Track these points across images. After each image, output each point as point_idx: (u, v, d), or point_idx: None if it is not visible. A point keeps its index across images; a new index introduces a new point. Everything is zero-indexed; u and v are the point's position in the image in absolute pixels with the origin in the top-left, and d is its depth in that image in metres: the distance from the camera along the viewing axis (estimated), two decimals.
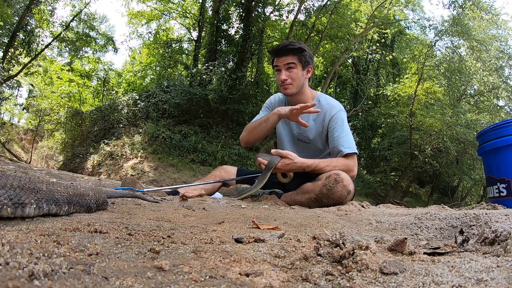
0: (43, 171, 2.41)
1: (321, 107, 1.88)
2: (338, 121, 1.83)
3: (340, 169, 1.70)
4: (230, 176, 2.06)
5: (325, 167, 1.72)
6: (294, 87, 1.84)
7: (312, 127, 1.92)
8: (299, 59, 1.81)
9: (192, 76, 11.29)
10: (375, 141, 14.42)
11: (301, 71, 1.83)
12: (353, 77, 15.12)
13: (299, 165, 1.71)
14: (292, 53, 1.79)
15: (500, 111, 11.78)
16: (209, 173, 2.13)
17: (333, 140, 1.82)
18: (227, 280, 0.43)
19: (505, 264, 0.48)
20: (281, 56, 1.81)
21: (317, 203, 1.63)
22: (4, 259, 0.37)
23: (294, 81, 1.82)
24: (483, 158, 2.42)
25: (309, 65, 1.85)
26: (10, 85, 14.66)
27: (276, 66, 1.85)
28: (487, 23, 11.33)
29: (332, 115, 1.84)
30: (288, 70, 1.81)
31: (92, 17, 14.44)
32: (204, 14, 13.01)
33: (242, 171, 2.10)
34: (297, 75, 1.82)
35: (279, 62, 1.82)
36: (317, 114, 1.88)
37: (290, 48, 1.80)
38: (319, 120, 1.89)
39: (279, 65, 1.83)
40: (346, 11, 12.11)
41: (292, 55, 1.80)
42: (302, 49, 1.81)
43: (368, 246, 0.52)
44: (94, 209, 0.90)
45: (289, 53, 1.80)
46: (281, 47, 1.83)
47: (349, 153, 1.77)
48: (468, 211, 1.04)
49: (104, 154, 9.30)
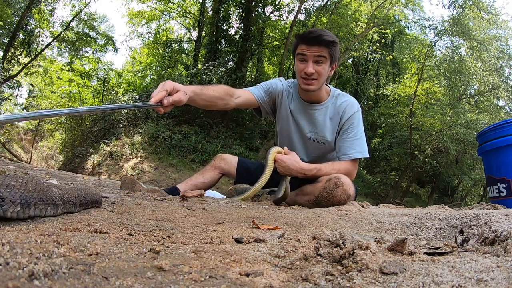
0: (43, 171, 2.41)
1: (339, 105, 1.75)
2: (355, 121, 1.72)
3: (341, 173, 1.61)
4: (231, 167, 1.92)
5: (327, 172, 1.64)
6: (319, 83, 1.65)
7: (329, 126, 1.77)
8: (330, 54, 1.60)
9: (192, 76, 11.28)
10: (375, 141, 14.42)
11: (328, 66, 1.64)
12: (353, 77, 15.11)
13: (299, 167, 1.61)
14: (325, 45, 1.57)
15: (500, 111, 11.79)
16: (207, 163, 1.99)
17: (345, 140, 1.71)
18: (227, 280, 0.43)
19: (505, 264, 0.48)
20: (313, 46, 1.57)
21: (316, 206, 1.62)
22: (4, 259, 0.37)
23: (320, 77, 1.63)
24: (483, 158, 2.42)
25: (335, 61, 1.67)
26: (10, 85, 14.65)
27: (302, 54, 1.60)
28: (487, 23, 11.34)
29: (350, 114, 1.72)
30: (316, 63, 1.60)
31: (92, 17, 14.43)
32: (204, 14, 13.01)
33: (243, 162, 1.96)
34: (325, 71, 1.63)
35: (309, 51, 1.58)
36: (335, 111, 1.74)
37: (325, 38, 1.56)
38: (336, 118, 1.75)
39: (307, 55, 1.59)
40: (346, 11, 12.12)
41: (325, 47, 1.57)
42: (336, 42, 1.60)
43: (368, 246, 0.52)
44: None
45: (322, 44, 1.57)
46: (316, 35, 1.57)
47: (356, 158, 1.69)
48: (468, 211, 1.04)
49: (104, 154, 9.30)
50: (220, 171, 1.90)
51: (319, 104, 1.78)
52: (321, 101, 1.78)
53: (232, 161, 1.92)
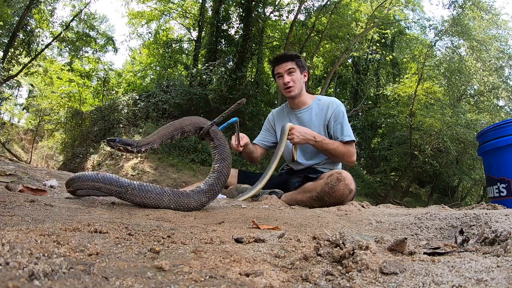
0: (43, 171, 2.41)
1: (322, 103, 2.07)
2: (340, 114, 2.00)
3: (343, 151, 1.89)
4: (231, 178, 2.09)
5: (330, 143, 1.88)
6: (296, 88, 2.03)
7: (315, 122, 2.05)
8: (297, 64, 2.03)
9: (192, 76, 11.27)
10: (375, 141, 14.41)
11: (299, 74, 2.04)
12: (353, 77, 15.11)
13: (311, 133, 1.87)
14: (290, 59, 2.02)
15: (500, 111, 11.78)
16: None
17: (336, 131, 1.98)
18: (227, 280, 0.43)
19: (505, 264, 0.48)
20: (281, 63, 2.02)
21: (318, 202, 1.64)
22: (4, 259, 0.37)
23: (296, 83, 2.02)
24: (483, 158, 2.42)
25: (305, 69, 2.09)
26: (10, 85, 14.64)
27: (277, 73, 2.05)
28: (487, 23, 11.33)
29: (334, 108, 2.02)
30: (289, 74, 2.01)
31: (92, 17, 14.43)
32: (204, 14, 13.00)
33: (243, 171, 2.15)
34: (297, 78, 2.03)
35: (280, 68, 2.02)
36: (319, 108, 2.06)
37: (288, 55, 2.05)
38: (321, 114, 2.04)
39: (280, 72, 2.02)
40: (346, 11, 12.10)
41: (291, 61, 2.02)
42: (298, 56, 2.06)
43: (368, 246, 0.52)
44: None
45: (288, 60, 2.02)
46: (281, 55, 2.08)
47: (349, 141, 1.93)
48: (468, 211, 1.04)
49: (104, 154, 9.30)
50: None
51: (304, 108, 2.11)
52: (306, 105, 2.12)
53: (232, 171, 2.12)
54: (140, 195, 1.10)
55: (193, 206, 1.18)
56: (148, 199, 1.11)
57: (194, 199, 1.18)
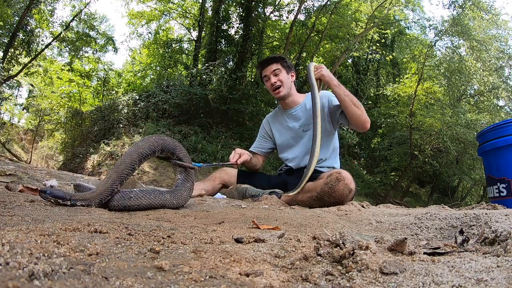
0: (43, 171, 2.41)
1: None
2: (334, 97, 2.02)
3: (357, 105, 1.86)
4: (231, 177, 2.09)
5: (346, 91, 1.88)
6: (285, 88, 2.07)
7: (310, 113, 2.05)
8: (282, 65, 2.07)
9: (192, 76, 11.26)
10: (375, 141, 14.41)
11: (286, 74, 2.08)
12: (353, 77, 15.09)
13: (330, 73, 1.94)
14: (275, 61, 2.07)
15: (500, 111, 11.78)
16: (209, 174, 2.20)
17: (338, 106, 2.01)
18: (227, 280, 0.43)
19: (505, 264, 0.48)
20: (267, 66, 2.08)
21: (318, 202, 1.64)
22: (4, 259, 0.37)
23: (283, 83, 2.06)
24: (483, 158, 2.42)
25: (291, 70, 2.12)
26: (10, 85, 14.65)
27: (264, 76, 2.10)
28: (487, 23, 11.33)
29: (328, 95, 2.07)
30: (275, 75, 2.06)
31: (92, 17, 14.42)
32: (204, 14, 12.99)
33: (243, 171, 2.15)
34: (284, 78, 2.07)
35: (266, 71, 2.07)
36: (311, 104, 2.04)
37: (273, 57, 2.11)
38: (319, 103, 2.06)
39: (267, 74, 2.07)
40: (346, 11, 12.10)
41: (276, 63, 2.07)
42: (282, 57, 2.12)
43: (368, 246, 0.52)
44: None
45: (272, 62, 2.07)
46: (265, 59, 2.14)
47: None
48: (468, 211, 1.04)
49: (104, 154, 9.29)
50: (221, 181, 2.11)
51: (297, 106, 2.14)
52: (298, 103, 2.15)
53: (233, 172, 2.14)
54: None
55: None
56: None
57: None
